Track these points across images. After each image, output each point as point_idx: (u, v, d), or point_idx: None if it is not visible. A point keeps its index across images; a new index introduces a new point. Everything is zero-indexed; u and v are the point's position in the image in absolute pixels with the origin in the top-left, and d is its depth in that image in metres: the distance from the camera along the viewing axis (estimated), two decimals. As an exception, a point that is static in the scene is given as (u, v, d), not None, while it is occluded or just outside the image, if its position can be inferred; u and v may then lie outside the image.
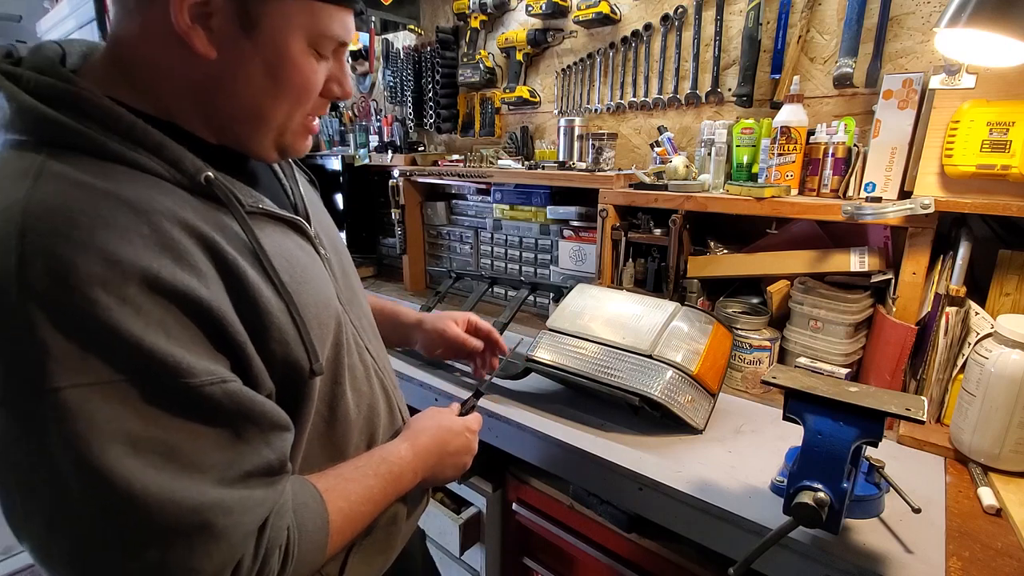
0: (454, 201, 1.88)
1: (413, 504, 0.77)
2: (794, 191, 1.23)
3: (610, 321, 1.13)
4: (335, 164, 2.01)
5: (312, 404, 0.59)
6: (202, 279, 0.46)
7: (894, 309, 1.04)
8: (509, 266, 1.78)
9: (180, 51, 0.49)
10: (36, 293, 0.40)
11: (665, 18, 1.49)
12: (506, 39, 1.79)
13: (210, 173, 0.51)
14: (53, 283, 0.40)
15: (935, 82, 1.03)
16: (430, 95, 2.04)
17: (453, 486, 1.31)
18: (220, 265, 0.49)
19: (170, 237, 0.45)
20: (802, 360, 1.16)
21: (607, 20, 1.56)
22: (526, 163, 1.63)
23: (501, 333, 1.10)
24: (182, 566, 0.43)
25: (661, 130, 1.48)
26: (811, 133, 1.22)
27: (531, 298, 1.48)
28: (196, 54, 0.49)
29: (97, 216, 0.43)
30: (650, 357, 1.03)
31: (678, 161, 1.35)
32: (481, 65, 1.87)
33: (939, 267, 1.04)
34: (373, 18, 1.99)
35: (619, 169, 1.51)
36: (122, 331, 0.41)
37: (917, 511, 0.73)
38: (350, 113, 2.37)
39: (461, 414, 0.85)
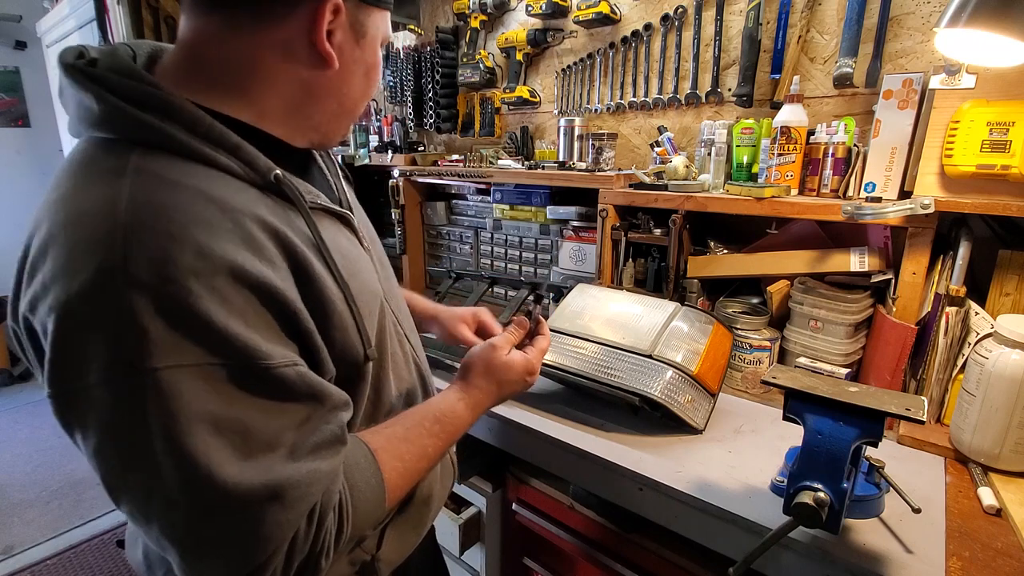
0: (454, 201, 1.88)
1: (445, 483, 0.81)
2: (794, 191, 1.23)
3: (610, 321, 1.13)
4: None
5: (367, 387, 0.63)
6: (277, 271, 0.50)
7: (894, 309, 1.04)
8: (509, 266, 1.77)
9: (287, 65, 0.54)
10: (140, 283, 0.43)
11: (665, 18, 1.49)
12: (506, 39, 1.79)
13: (278, 172, 0.55)
14: (155, 274, 0.44)
15: (935, 82, 1.03)
16: (430, 95, 2.04)
17: (453, 486, 1.30)
18: (291, 259, 0.53)
19: (250, 232, 0.49)
20: (802, 360, 1.16)
21: (607, 20, 1.56)
22: (526, 163, 1.63)
23: None
24: (255, 534, 0.47)
25: (661, 130, 1.48)
26: (811, 133, 1.22)
27: (530, 297, 1.48)
28: (318, 68, 0.55)
29: (190, 213, 0.47)
30: (650, 357, 1.03)
31: (678, 161, 1.35)
32: (481, 65, 1.87)
33: (939, 267, 1.04)
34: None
35: (619, 169, 1.50)
36: (212, 318, 0.45)
37: (917, 511, 0.73)
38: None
39: (523, 341, 0.83)
